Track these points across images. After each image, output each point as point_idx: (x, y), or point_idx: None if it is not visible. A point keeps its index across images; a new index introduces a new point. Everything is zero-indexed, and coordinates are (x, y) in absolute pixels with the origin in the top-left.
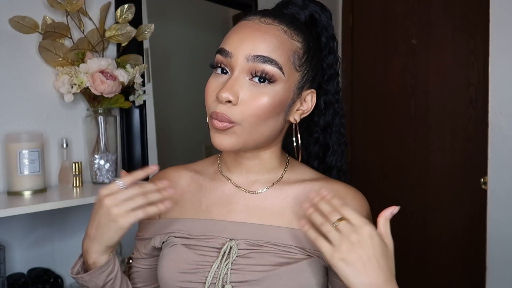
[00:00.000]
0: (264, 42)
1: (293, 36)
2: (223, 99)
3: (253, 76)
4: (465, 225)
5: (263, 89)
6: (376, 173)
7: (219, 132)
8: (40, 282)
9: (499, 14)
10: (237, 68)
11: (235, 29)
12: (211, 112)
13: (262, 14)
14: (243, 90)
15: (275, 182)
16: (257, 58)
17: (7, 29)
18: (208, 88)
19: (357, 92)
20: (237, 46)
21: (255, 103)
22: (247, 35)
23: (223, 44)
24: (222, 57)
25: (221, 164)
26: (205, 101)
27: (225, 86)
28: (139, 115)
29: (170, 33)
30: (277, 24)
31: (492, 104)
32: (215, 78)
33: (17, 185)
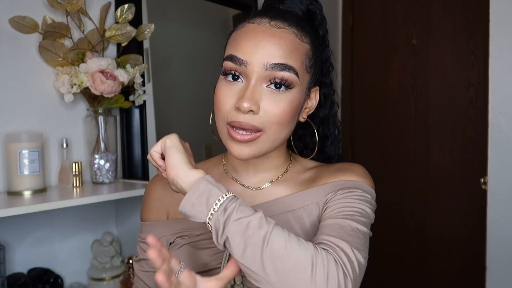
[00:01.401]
0: (280, 49)
1: (303, 39)
2: (245, 109)
3: (271, 83)
4: (465, 225)
5: (281, 96)
6: (376, 173)
7: (239, 143)
8: (40, 282)
9: (499, 14)
10: (254, 76)
11: (246, 35)
12: (231, 120)
13: (270, 17)
14: (262, 98)
15: (280, 176)
16: (275, 66)
17: (7, 29)
18: (222, 96)
19: (357, 92)
20: (252, 54)
21: (276, 111)
22: (262, 42)
23: (234, 50)
24: (235, 64)
25: (227, 165)
26: (218, 109)
27: (245, 95)
28: (139, 115)
29: (170, 33)
30: (288, 28)
31: (492, 104)
32: (228, 86)
33: (17, 185)
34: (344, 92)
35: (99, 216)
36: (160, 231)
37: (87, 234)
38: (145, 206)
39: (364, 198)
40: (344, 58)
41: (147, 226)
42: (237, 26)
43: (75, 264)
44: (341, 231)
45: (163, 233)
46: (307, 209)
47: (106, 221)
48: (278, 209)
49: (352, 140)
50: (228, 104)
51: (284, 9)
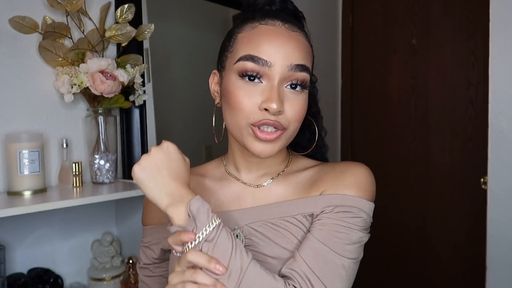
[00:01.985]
0: (299, 51)
1: (309, 40)
2: (275, 110)
3: (292, 84)
4: (465, 225)
5: (299, 95)
6: (376, 173)
7: (265, 142)
8: (40, 282)
9: (499, 14)
10: (277, 77)
11: (265, 36)
12: (257, 120)
13: (282, 19)
14: (285, 99)
15: (280, 173)
16: (297, 67)
17: (7, 29)
18: (243, 96)
19: (357, 92)
20: (276, 55)
21: (297, 110)
22: (284, 44)
23: (254, 51)
24: (256, 65)
25: (228, 165)
26: (239, 110)
27: (273, 96)
28: (139, 115)
29: (170, 33)
30: (299, 31)
31: (492, 104)
32: (248, 87)
33: (17, 185)
34: (344, 92)
35: (99, 216)
36: (161, 233)
37: (87, 234)
38: (145, 210)
39: (359, 220)
40: (344, 58)
41: (149, 230)
42: (242, 27)
43: (75, 264)
44: (323, 265)
45: (165, 235)
46: (306, 216)
47: (106, 221)
48: (277, 212)
49: (352, 140)
50: (251, 106)
51: (275, 10)
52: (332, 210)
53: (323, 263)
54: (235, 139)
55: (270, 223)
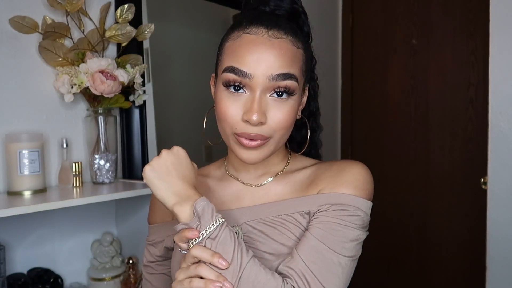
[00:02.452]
0: (281, 59)
1: (298, 45)
2: (255, 122)
3: (275, 92)
4: (465, 225)
5: (285, 103)
6: (376, 173)
7: (249, 149)
8: (40, 282)
9: (499, 14)
10: (259, 88)
11: (246, 47)
12: (240, 132)
13: (266, 26)
14: (268, 108)
15: (279, 172)
16: (279, 76)
17: (7, 29)
18: (227, 108)
19: (357, 92)
20: (256, 67)
21: (282, 118)
22: (264, 54)
23: (235, 63)
24: (238, 77)
25: (228, 166)
26: (224, 120)
27: (253, 108)
28: (139, 115)
29: (170, 33)
30: (285, 37)
31: (492, 104)
32: (233, 97)
33: (17, 185)
34: (344, 92)
35: (99, 216)
36: (166, 231)
37: (87, 234)
38: (152, 209)
39: (356, 218)
40: (344, 58)
41: (154, 228)
42: (229, 34)
43: (75, 264)
44: (320, 262)
45: (168, 233)
46: (303, 214)
47: (106, 221)
48: (275, 211)
49: (352, 140)
50: (234, 116)
51: (269, 10)
52: (329, 208)
53: (320, 261)
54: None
55: (268, 221)
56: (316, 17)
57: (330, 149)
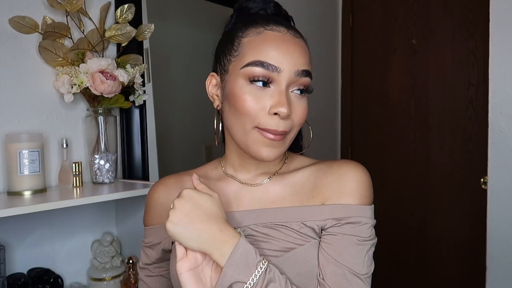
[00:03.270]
0: (304, 57)
1: (308, 47)
2: (285, 114)
3: (298, 89)
4: (465, 225)
5: (303, 99)
6: (376, 173)
7: (270, 144)
8: (40, 282)
9: (499, 14)
10: (285, 82)
11: (273, 42)
12: (265, 127)
13: (286, 26)
14: (291, 103)
15: (277, 172)
16: (303, 72)
17: (7, 29)
18: (251, 100)
19: (357, 92)
20: (284, 61)
21: (301, 114)
22: (291, 50)
23: (263, 57)
24: (265, 71)
25: (226, 167)
26: (245, 114)
27: (282, 100)
28: (139, 115)
29: (170, 33)
30: (301, 38)
31: (492, 104)
32: (257, 91)
33: (17, 185)
34: (344, 92)
35: (99, 216)
36: (162, 234)
37: (87, 234)
38: (147, 211)
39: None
40: (344, 58)
41: (150, 230)
42: (245, 31)
43: (75, 264)
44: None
45: (166, 235)
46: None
47: (106, 221)
48: (280, 217)
49: (352, 140)
50: (258, 109)
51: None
52: (340, 225)
53: (348, 285)
54: (237, 142)
55: (271, 226)
56: (316, 17)
57: (330, 149)
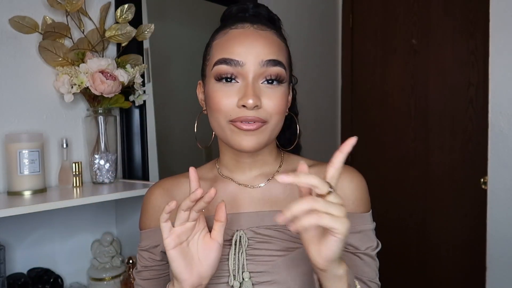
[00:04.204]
0: (270, 47)
1: (281, 38)
2: (251, 105)
3: (267, 79)
4: (465, 225)
5: (276, 89)
6: (376, 173)
7: (247, 133)
8: (40, 282)
9: (499, 14)
10: (251, 74)
11: (236, 39)
12: (236, 117)
13: (251, 22)
14: (262, 94)
15: (275, 174)
16: (269, 62)
17: (7, 29)
18: (221, 97)
19: (357, 92)
20: (247, 54)
21: (276, 102)
22: (254, 43)
23: (226, 54)
24: (230, 67)
25: (221, 168)
26: (217, 110)
27: (248, 93)
28: (139, 115)
29: (170, 33)
30: (269, 30)
31: (492, 104)
32: (225, 87)
33: (17, 185)
34: (344, 92)
35: (99, 216)
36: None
37: (87, 234)
38: (144, 214)
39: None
40: (344, 58)
41: (147, 233)
42: (215, 36)
43: (75, 264)
44: None
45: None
46: None
47: (106, 221)
48: None
49: None
50: (229, 104)
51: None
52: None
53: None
54: (221, 139)
55: (274, 228)
56: (316, 17)
57: (330, 149)
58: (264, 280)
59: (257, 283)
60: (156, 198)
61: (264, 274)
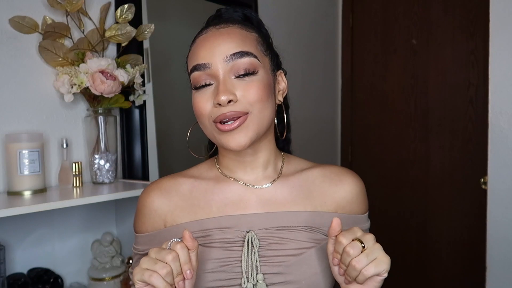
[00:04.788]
0: (232, 41)
1: (248, 30)
2: (224, 101)
3: (238, 74)
4: (465, 225)
5: (250, 80)
6: (376, 173)
7: (232, 133)
8: (40, 282)
9: (499, 14)
10: (220, 72)
11: (199, 44)
12: (216, 116)
13: (214, 24)
14: (236, 88)
15: (279, 175)
16: (234, 55)
17: (7, 29)
18: (199, 102)
19: (357, 92)
20: (211, 55)
21: (253, 92)
22: (214, 42)
23: (193, 61)
24: (200, 72)
25: (221, 168)
26: (200, 115)
27: (219, 90)
28: (139, 115)
29: (170, 33)
30: (232, 25)
31: (492, 104)
32: (202, 93)
33: (17, 185)
34: (344, 92)
35: (99, 216)
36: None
37: (87, 234)
38: (140, 217)
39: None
40: (344, 58)
41: (143, 238)
42: (189, 51)
43: (75, 264)
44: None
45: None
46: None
47: (106, 221)
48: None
49: (352, 140)
50: (207, 106)
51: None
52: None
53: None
54: (215, 144)
55: (286, 228)
56: (316, 17)
57: (330, 149)
58: (278, 281)
59: (271, 284)
60: (153, 201)
61: (278, 275)
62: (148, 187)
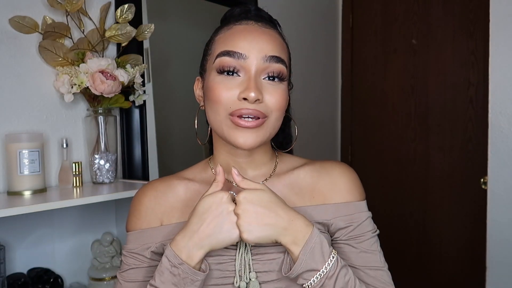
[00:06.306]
0: (273, 44)
1: (283, 38)
2: (253, 98)
3: (269, 76)
4: (465, 225)
5: (277, 86)
6: (376, 173)
7: (246, 130)
8: (40, 282)
9: (499, 14)
10: (253, 68)
11: (240, 33)
12: (237, 109)
13: (255, 20)
14: (263, 89)
15: (271, 173)
16: (272, 58)
17: (7, 29)
18: (222, 88)
19: (357, 92)
20: (250, 48)
21: (278, 98)
22: (258, 38)
23: (230, 47)
24: (233, 59)
25: (215, 168)
26: (217, 102)
27: (250, 86)
28: (139, 115)
29: (170, 33)
30: (272, 29)
31: (492, 104)
32: (227, 80)
33: (17, 185)
34: (344, 92)
35: (99, 216)
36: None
37: (87, 234)
38: (135, 214)
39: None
40: (344, 58)
41: (135, 235)
42: (218, 31)
43: (75, 264)
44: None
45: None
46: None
47: (106, 221)
48: None
49: (352, 140)
50: (230, 97)
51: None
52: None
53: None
54: (218, 135)
55: None
56: (316, 17)
57: (330, 149)
58: (271, 279)
59: (263, 282)
60: (150, 199)
61: (270, 273)
62: (144, 187)
